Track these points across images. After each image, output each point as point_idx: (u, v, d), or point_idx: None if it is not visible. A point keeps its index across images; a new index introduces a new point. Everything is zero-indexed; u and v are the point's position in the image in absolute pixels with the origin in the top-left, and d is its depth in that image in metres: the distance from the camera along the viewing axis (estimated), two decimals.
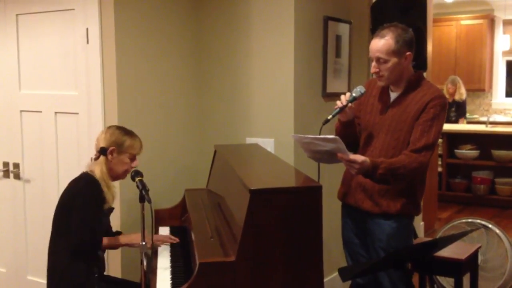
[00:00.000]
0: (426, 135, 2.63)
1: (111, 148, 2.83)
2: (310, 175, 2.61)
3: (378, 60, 2.69)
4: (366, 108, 2.88)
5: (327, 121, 2.74)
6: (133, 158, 2.90)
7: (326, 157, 2.71)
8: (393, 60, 2.66)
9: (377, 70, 2.70)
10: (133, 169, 2.76)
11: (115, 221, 3.30)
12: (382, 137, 2.76)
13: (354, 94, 2.76)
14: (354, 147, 2.86)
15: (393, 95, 2.79)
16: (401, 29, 2.69)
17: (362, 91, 2.77)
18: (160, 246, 2.85)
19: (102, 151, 2.84)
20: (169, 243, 2.87)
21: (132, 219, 3.36)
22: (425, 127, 2.64)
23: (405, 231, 2.80)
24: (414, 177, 2.70)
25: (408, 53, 2.68)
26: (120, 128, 2.93)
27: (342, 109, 2.75)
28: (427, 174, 2.84)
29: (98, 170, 2.80)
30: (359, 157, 2.58)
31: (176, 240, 2.89)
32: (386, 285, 2.80)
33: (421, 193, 2.83)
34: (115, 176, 2.89)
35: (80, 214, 2.70)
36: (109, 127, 2.95)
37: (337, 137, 2.58)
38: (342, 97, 2.77)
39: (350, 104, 2.75)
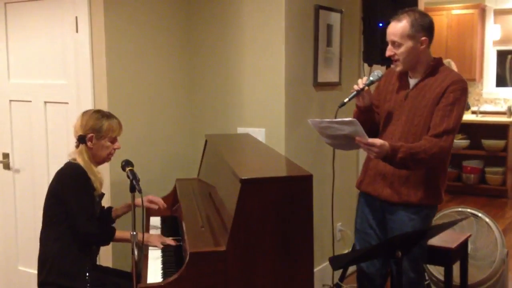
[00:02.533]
0: (447, 119, 2.59)
1: (89, 135, 2.75)
2: (300, 165, 2.61)
3: (393, 43, 2.67)
4: (385, 97, 2.85)
5: (343, 104, 2.73)
6: (113, 140, 2.82)
7: (345, 142, 2.66)
8: (408, 43, 2.64)
9: (392, 53, 2.69)
10: (124, 158, 2.73)
11: None
12: (401, 124, 2.72)
13: (371, 78, 2.75)
14: (372, 135, 2.77)
15: (412, 82, 2.76)
16: (418, 14, 2.67)
17: (380, 75, 2.76)
18: (150, 247, 2.71)
19: (80, 139, 2.76)
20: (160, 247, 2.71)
21: None
22: (446, 111, 2.60)
23: (424, 223, 2.73)
24: (435, 163, 2.66)
25: (423, 38, 2.66)
26: (96, 112, 2.83)
27: (359, 92, 2.72)
28: (449, 161, 2.77)
29: (81, 160, 2.74)
30: (378, 141, 2.55)
31: (171, 242, 2.72)
32: (395, 273, 2.78)
33: (444, 181, 2.77)
34: (100, 161, 2.84)
35: (77, 206, 2.67)
36: (85, 113, 2.85)
37: (354, 119, 2.54)
38: (359, 80, 2.75)
39: (367, 88, 2.73)
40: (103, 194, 2.91)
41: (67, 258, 2.70)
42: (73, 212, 2.68)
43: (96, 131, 2.76)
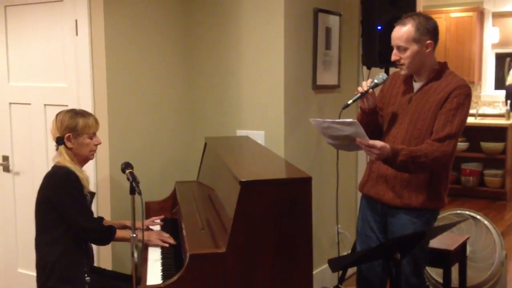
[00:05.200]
0: (450, 124, 2.59)
1: (66, 135, 2.74)
2: (300, 167, 2.62)
3: (398, 48, 2.68)
4: (389, 100, 2.86)
5: (346, 105, 2.75)
6: (92, 136, 2.81)
7: (346, 143, 2.67)
8: (413, 48, 2.65)
9: (398, 58, 2.70)
10: (124, 161, 2.74)
11: (105, 214, 3.30)
12: (404, 127, 2.73)
13: (375, 81, 2.76)
14: (376, 137, 2.77)
15: (416, 85, 2.77)
16: (423, 18, 2.68)
17: (384, 78, 2.78)
18: (150, 248, 2.75)
19: (58, 141, 2.76)
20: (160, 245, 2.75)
21: (123, 211, 3.35)
22: (449, 116, 2.60)
23: (425, 227, 2.73)
24: (437, 167, 2.66)
25: (429, 41, 2.66)
26: (69, 112, 2.82)
27: (363, 94, 2.74)
28: (451, 165, 2.77)
29: (62, 161, 2.74)
30: (378, 142, 2.55)
31: (169, 242, 2.75)
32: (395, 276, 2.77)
33: (446, 185, 2.78)
34: (82, 160, 2.83)
35: (74, 206, 2.68)
36: (58, 114, 2.83)
37: (355, 120, 2.54)
38: (364, 83, 2.76)
39: (371, 90, 2.74)
40: (93, 194, 2.91)
41: (65, 262, 2.69)
42: (71, 213, 2.68)
43: (72, 129, 2.75)
